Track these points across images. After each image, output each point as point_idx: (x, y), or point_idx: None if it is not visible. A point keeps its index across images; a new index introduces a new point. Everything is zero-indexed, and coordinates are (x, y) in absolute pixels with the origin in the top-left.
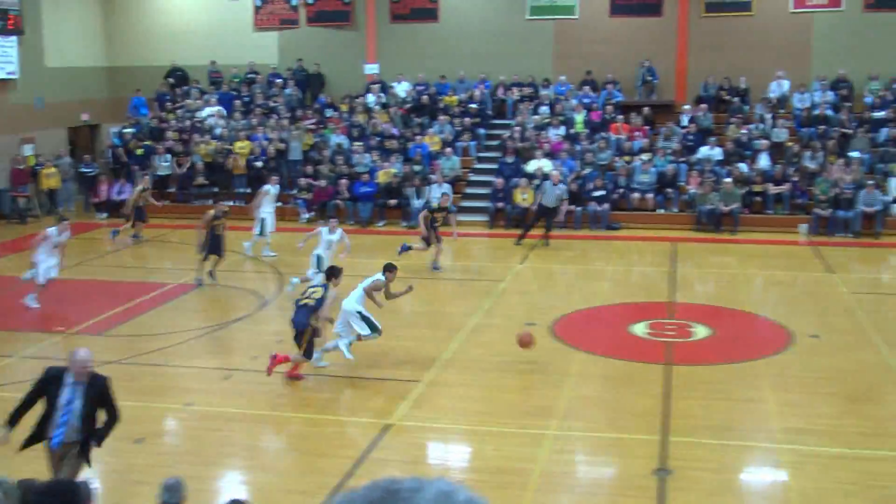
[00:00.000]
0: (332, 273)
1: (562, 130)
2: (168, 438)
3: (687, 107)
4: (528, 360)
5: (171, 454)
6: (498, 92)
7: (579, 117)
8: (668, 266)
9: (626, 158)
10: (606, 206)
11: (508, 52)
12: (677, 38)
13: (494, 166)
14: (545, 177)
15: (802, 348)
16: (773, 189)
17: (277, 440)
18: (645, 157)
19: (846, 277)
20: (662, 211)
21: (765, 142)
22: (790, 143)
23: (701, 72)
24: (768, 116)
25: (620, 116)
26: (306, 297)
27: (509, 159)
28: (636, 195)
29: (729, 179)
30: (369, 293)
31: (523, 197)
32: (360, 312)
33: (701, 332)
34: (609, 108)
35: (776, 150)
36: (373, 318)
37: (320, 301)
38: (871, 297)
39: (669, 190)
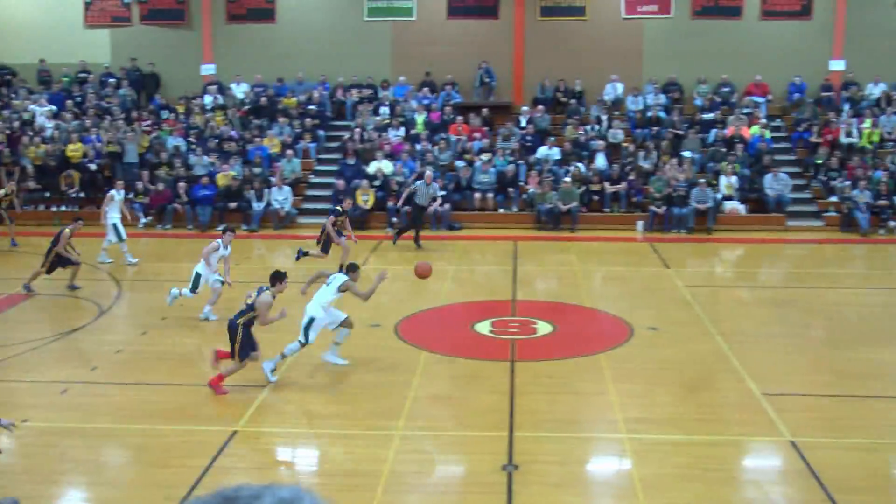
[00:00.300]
0: (276, 278)
1: (402, 132)
2: (2, 457)
3: (525, 108)
4: (374, 361)
5: (5, 473)
6: (337, 93)
7: (419, 118)
8: (509, 264)
9: (467, 158)
10: (447, 206)
11: (347, 53)
12: (514, 41)
13: (335, 168)
14: (419, 176)
15: (642, 341)
16: (610, 188)
17: (119, 453)
18: (485, 157)
19: (681, 272)
20: (503, 210)
21: (601, 142)
22: (625, 144)
23: (538, 74)
24: (604, 118)
25: (460, 117)
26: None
27: (350, 161)
28: (477, 195)
29: (567, 179)
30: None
31: (364, 198)
32: (313, 319)
33: (544, 328)
34: (448, 109)
35: (612, 151)
36: (312, 331)
37: (251, 306)
38: (706, 290)
39: (510, 189)
